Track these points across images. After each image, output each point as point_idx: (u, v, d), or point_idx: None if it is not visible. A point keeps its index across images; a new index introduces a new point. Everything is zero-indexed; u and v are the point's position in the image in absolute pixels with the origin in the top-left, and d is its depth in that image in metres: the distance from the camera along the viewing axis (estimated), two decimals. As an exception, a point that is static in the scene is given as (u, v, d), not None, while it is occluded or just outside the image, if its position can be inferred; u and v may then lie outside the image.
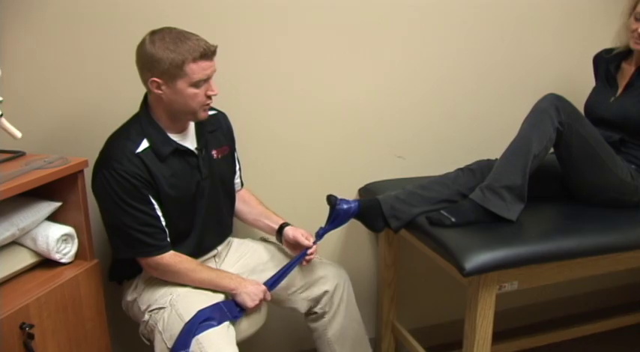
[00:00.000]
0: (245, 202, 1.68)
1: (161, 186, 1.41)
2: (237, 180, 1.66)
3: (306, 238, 1.56)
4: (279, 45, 1.75)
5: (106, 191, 1.38)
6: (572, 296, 2.30)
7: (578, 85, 1.95)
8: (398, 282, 2.00)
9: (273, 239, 1.67)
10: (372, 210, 1.62)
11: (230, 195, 1.62)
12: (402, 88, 1.92)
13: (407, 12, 1.84)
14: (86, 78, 1.60)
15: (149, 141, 1.41)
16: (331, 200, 1.59)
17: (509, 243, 1.46)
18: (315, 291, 1.61)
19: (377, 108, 1.90)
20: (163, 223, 1.43)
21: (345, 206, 1.58)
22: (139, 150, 1.39)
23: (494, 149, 1.71)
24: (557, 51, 2.06)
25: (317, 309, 1.63)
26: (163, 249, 1.43)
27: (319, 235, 1.58)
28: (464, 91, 2.00)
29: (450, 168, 1.74)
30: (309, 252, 1.53)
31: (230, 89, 1.63)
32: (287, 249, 1.63)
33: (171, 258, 1.43)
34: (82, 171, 1.42)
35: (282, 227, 1.61)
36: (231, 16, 1.67)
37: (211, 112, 1.55)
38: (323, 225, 1.61)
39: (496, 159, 1.65)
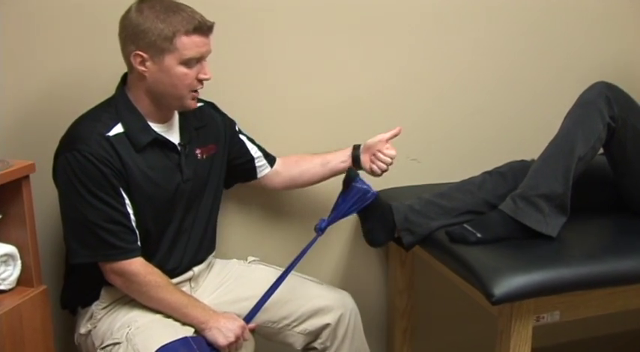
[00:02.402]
0: (293, 163, 1.69)
1: (133, 177, 1.41)
2: (260, 161, 1.66)
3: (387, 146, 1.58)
4: (272, 36, 1.77)
5: (67, 176, 1.37)
6: (626, 332, 2.26)
7: (634, 71, 1.97)
8: (413, 311, 2.00)
9: (262, 263, 1.68)
10: (382, 215, 1.61)
11: (215, 203, 1.62)
12: (416, 80, 1.93)
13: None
14: (36, 66, 1.60)
15: (124, 126, 1.41)
16: (350, 174, 1.56)
17: (549, 265, 1.46)
18: (314, 324, 1.60)
19: (387, 104, 1.92)
20: (134, 223, 1.43)
21: (365, 186, 1.54)
22: (111, 133, 1.39)
23: (530, 150, 1.72)
24: (606, 30, 2.06)
25: (317, 344, 1.62)
26: (132, 253, 1.42)
27: (321, 228, 1.55)
28: (491, 81, 2.01)
29: (475, 172, 1.73)
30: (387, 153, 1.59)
31: (216, 89, 1.62)
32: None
33: (141, 265, 1.43)
34: (27, 178, 1.40)
35: (355, 150, 1.63)
36: (226, 8, 1.69)
37: (198, 104, 1.55)
38: (326, 217, 1.58)
39: (532, 161, 1.65)
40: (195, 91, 1.45)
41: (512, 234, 1.55)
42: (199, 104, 1.57)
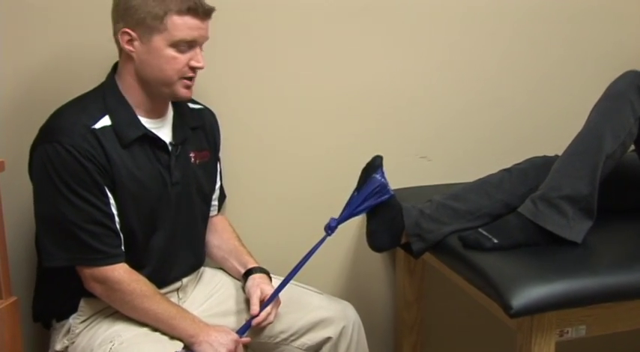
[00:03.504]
0: (217, 233, 1.69)
1: (119, 175, 1.41)
2: (214, 202, 1.68)
3: (261, 300, 1.53)
4: (273, 22, 1.78)
5: (45, 170, 1.37)
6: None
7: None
8: (422, 325, 1.99)
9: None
10: (391, 216, 1.59)
11: (207, 212, 1.65)
12: (426, 70, 1.94)
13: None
14: (7, 54, 1.60)
15: (112, 118, 1.42)
16: (375, 162, 1.55)
17: (573, 273, 1.45)
18: (314, 338, 1.60)
19: (395, 97, 1.92)
20: (118, 225, 1.43)
21: (384, 180, 1.53)
22: (97, 126, 1.40)
23: (553, 145, 1.71)
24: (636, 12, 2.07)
25: (317, 360, 1.63)
26: (115, 258, 1.42)
27: (331, 227, 1.53)
28: (509, 70, 2.01)
29: (492, 170, 1.74)
30: (253, 322, 1.50)
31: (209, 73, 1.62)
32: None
33: (125, 272, 1.43)
34: (-6, 176, 1.37)
35: (248, 272, 1.61)
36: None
37: (196, 106, 1.60)
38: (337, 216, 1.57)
39: (556, 157, 1.64)
40: (189, 80, 1.45)
41: (532, 239, 1.54)
42: (199, 106, 1.61)
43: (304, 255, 1.55)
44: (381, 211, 1.58)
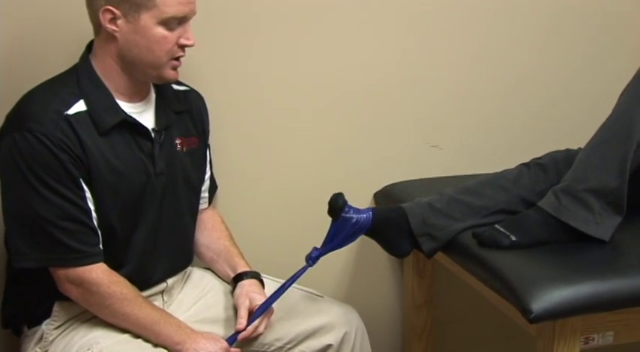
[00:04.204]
0: (206, 231, 1.68)
1: (95, 166, 1.41)
2: (204, 194, 1.68)
3: (250, 310, 1.53)
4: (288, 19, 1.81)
5: (13, 162, 1.36)
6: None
7: None
8: (432, 331, 2.00)
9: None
10: (394, 224, 1.61)
11: (195, 206, 1.65)
12: (439, 53, 1.93)
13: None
14: None
15: (87, 103, 1.42)
16: (337, 203, 1.57)
17: (599, 274, 1.45)
18: (313, 346, 1.60)
19: (403, 80, 1.93)
20: (95, 222, 1.43)
21: (353, 216, 1.56)
22: (71, 112, 1.40)
23: (576, 136, 1.70)
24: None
25: (316, 369, 1.63)
26: (93, 258, 1.42)
27: (312, 258, 1.57)
28: (529, 52, 2.00)
29: (509, 163, 1.72)
30: (239, 337, 1.51)
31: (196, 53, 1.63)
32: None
33: (104, 273, 1.43)
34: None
35: (238, 277, 1.61)
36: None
37: (181, 88, 1.60)
38: (319, 246, 1.60)
39: (579, 150, 1.62)
40: (177, 60, 1.45)
41: (554, 236, 1.54)
42: (185, 88, 1.60)
43: (281, 285, 1.56)
44: (380, 227, 1.60)
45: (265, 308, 1.53)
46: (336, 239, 1.58)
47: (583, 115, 1.87)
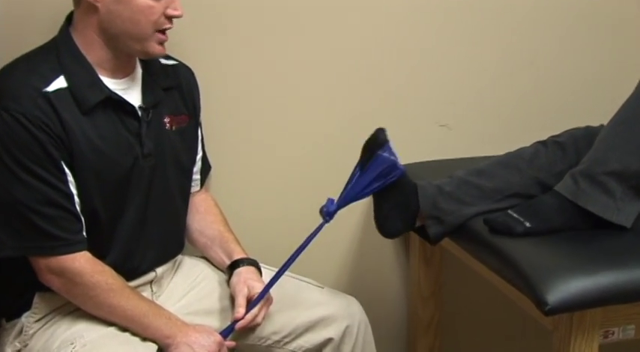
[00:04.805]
0: (199, 214, 1.69)
1: (78, 147, 1.40)
2: (195, 175, 1.69)
3: (249, 298, 1.52)
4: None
5: None
6: None
7: None
8: (441, 324, 2.01)
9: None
10: (406, 195, 1.60)
11: (187, 189, 1.65)
12: (447, 24, 1.93)
13: None
14: None
15: (67, 79, 1.41)
16: (380, 137, 1.53)
17: (621, 263, 1.45)
18: (312, 340, 1.61)
19: (409, 55, 1.92)
20: (78, 207, 1.42)
21: (393, 157, 1.52)
22: (50, 88, 1.39)
23: (597, 112, 1.71)
24: None
25: (316, 365, 1.63)
26: (75, 246, 1.42)
27: (330, 212, 1.53)
28: (547, 21, 1.99)
29: (524, 142, 1.73)
30: (237, 326, 1.51)
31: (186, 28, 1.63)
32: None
33: (87, 262, 1.42)
34: None
35: (234, 265, 1.60)
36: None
37: (169, 62, 1.59)
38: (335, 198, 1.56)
39: (601, 127, 1.62)
40: (163, 33, 1.45)
41: (571, 223, 1.54)
42: (173, 62, 1.60)
43: (298, 246, 1.53)
44: (392, 191, 1.58)
45: (269, 287, 1.52)
46: (360, 180, 1.53)
47: (605, 90, 1.88)
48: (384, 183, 1.54)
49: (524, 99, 2.00)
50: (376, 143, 1.54)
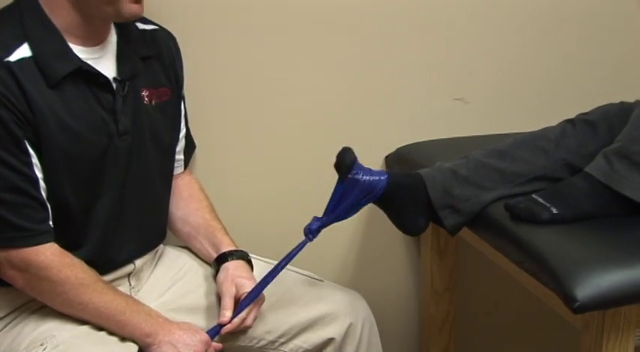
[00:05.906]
0: (182, 200, 1.70)
1: (45, 125, 1.40)
2: (178, 155, 1.70)
3: (236, 299, 1.54)
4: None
5: None
6: None
7: None
8: (456, 322, 2.01)
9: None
10: (410, 193, 1.61)
11: (169, 172, 1.66)
12: None
13: None
14: None
15: (32, 47, 1.40)
16: (344, 160, 1.55)
17: None
18: (312, 339, 1.62)
19: (420, 22, 1.92)
20: (44, 193, 1.42)
21: (366, 177, 1.55)
22: (12, 58, 1.38)
23: (632, 86, 1.80)
24: None
25: (317, 366, 1.65)
26: (41, 237, 1.42)
27: (312, 231, 1.56)
28: None
29: (549, 120, 1.71)
30: (222, 330, 1.52)
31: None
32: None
33: (55, 255, 1.42)
34: None
35: (222, 258, 1.62)
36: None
37: (148, 27, 1.59)
38: (320, 216, 1.59)
39: (637, 103, 1.61)
40: None
41: (604, 209, 1.53)
42: (152, 27, 1.60)
43: (274, 266, 1.55)
44: (393, 193, 1.59)
45: (255, 295, 1.52)
46: (341, 206, 1.56)
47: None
48: (369, 201, 1.57)
49: (550, 70, 2.01)
50: (344, 165, 1.55)
